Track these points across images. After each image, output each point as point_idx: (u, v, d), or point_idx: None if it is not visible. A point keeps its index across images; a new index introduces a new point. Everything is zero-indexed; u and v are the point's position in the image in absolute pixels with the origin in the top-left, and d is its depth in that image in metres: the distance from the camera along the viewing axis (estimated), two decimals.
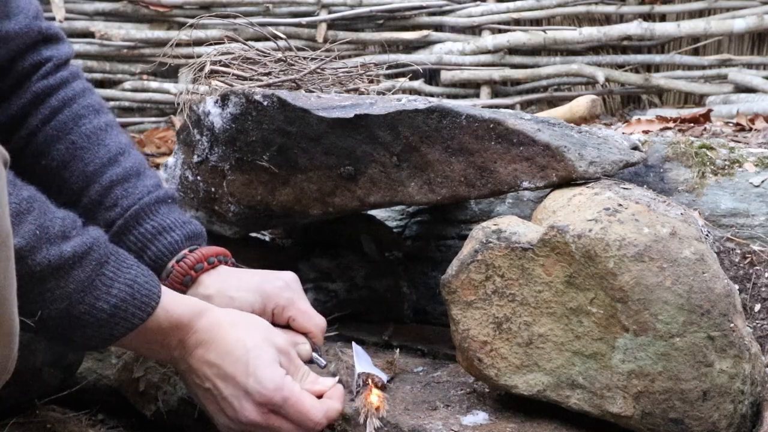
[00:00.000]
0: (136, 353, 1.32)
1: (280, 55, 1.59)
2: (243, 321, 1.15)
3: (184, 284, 1.21)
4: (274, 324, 1.23)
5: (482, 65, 4.37)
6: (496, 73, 4.35)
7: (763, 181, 1.38)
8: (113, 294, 1.03)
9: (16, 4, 1.19)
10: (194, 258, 1.22)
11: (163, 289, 1.09)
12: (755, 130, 2.13)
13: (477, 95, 4.40)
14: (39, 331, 1.00)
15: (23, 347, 0.88)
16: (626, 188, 1.22)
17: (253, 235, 1.70)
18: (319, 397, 1.15)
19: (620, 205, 1.12)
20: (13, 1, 1.18)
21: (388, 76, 3.52)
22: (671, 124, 2.37)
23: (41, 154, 1.19)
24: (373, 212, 1.73)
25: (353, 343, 1.37)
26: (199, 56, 1.53)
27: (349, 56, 3.71)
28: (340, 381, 1.21)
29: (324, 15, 4.42)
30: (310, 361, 1.23)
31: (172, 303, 1.09)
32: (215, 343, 1.10)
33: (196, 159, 1.52)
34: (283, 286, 1.26)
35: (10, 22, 1.17)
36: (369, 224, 1.70)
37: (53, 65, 1.24)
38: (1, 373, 0.87)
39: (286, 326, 1.24)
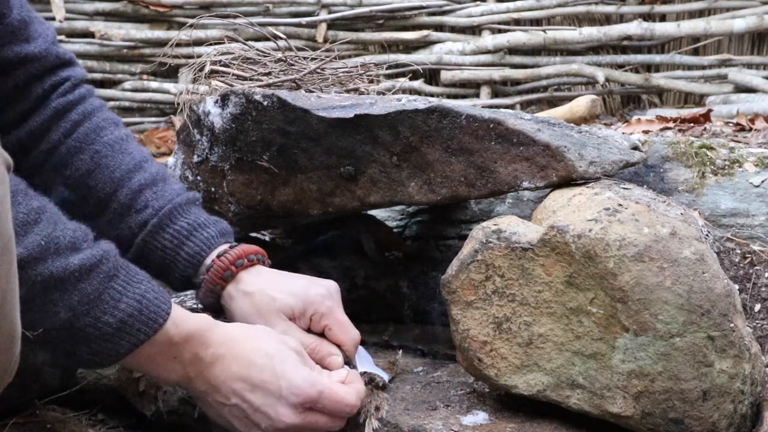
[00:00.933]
0: (148, 376, 1.30)
1: (280, 55, 1.59)
2: (254, 331, 1.14)
3: (224, 279, 1.22)
4: (310, 331, 1.23)
5: (482, 65, 4.37)
6: (496, 73, 4.35)
7: (763, 181, 1.38)
8: (121, 308, 1.02)
9: (35, 29, 1.23)
10: (235, 254, 1.23)
11: (174, 305, 1.08)
12: (755, 130, 2.13)
13: (477, 95, 4.40)
14: (41, 344, 0.99)
15: (23, 347, 0.88)
16: (626, 188, 1.22)
17: (253, 235, 1.70)
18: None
19: (620, 205, 1.12)
20: (32, 25, 1.22)
21: (388, 76, 3.53)
22: (671, 124, 2.37)
23: (64, 166, 1.21)
24: (373, 212, 1.73)
25: None
26: (199, 56, 1.53)
27: (349, 56, 3.71)
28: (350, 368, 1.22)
29: (324, 15, 4.42)
30: None
31: (181, 318, 1.07)
32: (235, 356, 1.09)
33: (196, 159, 1.52)
34: (326, 294, 1.26)
35: (30, 45, 1.21)
36: (369, 224, 1.70)
37: (71, 84, 1.28)
38: (1, 377, 0.87)
39: (321, 334, 1.24)
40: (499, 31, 4.41)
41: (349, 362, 1.25)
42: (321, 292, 1.25)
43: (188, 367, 1.08)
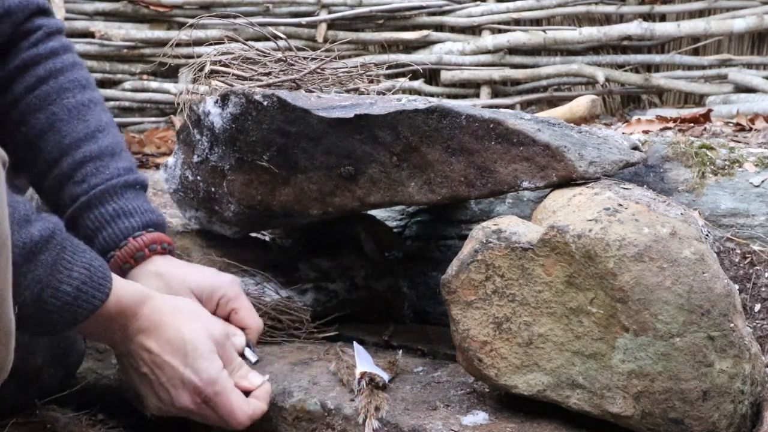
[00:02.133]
0: (84, 335, 1.32)
1: (280, 55, 1.59)
2: (184, 309, 1.17)
3: (135, 259, 1.24)
4: (215, 314, 1.26)
5: (482, 65, 4.37)
6: (496, 73, 4.35)
7: (763, 181, 1.38)
8: (74, 277, 1.03)
9: None
10: (150, 238, 1.24)
11: (113, 274, 1.10)
12: (755, 130, 2.13)
13: (477, 95, 4.40)
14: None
15: (23, 347, 0.88)
16: (626, 188, 1.22)
17: (253, 235, 1.70)
18: (247, 393, 1.19)
19: (620, 205, 1.12)
20: None
21: (388, 76, 3.52)
22: (671, 124, 2.37)
23: (22, 122, 1.19)
24: (373, 212, 1.73)
25: (354, 342, 1.37)
26: (199, 56, 1.53)
27: (349, 56, 3.71)
28: (269, 381, 1.25)
29: (324, 15, 4.42)
30: (241, 355, 1.27)
31: (121, 288, 1.09)
32: (156, 331, 1.12)
33: (196, 159, 1.52)
34: (232, 279, 1.31)
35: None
36: (369, 224, 1.70)
37: (44, 33, 1.24)
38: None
39: (226, 319, 1.29)
40: (499, 31, 4.41)
41: (250, 345, 1.30)
42: (228, 279, 1.30)
43: (117, 332, 1.11)
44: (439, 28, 4.51)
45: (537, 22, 4.51)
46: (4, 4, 1.18)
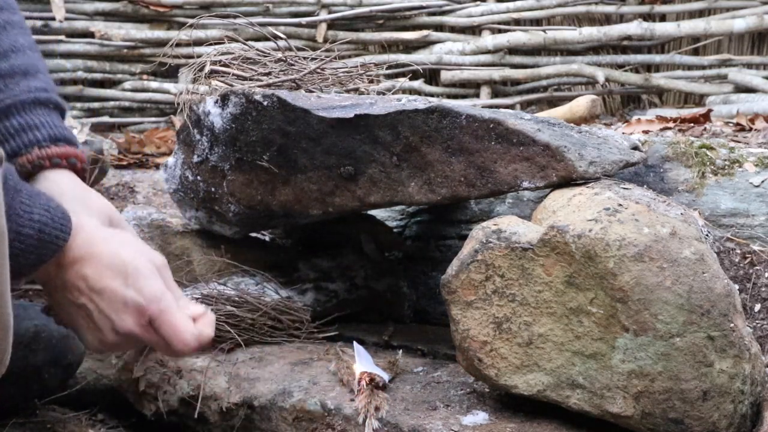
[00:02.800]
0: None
1: (280, 55, 1.59)
2: (118, 235, 1.13)
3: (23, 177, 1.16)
4: None
5: (482, 65, 4.37)
6: (496, 73, 4.35)
7: (763, 181, 1.38)
8: (35, 220, 1.01)
9: None
10: (38, 155, 1.17)
11: None
12: (755, 130, 2.13)
13: (477, 95, 4.39)
14: None
15: (23, 347, 0.88)
16: (626, 188, 1.22)
17: (253, 235, 1.70)
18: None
19: (620, 205, 1.12)
20: None
21: (388, 76, 3.52)
22: (671, 124, 2.37)
23: None
24: (373, 212, 1.73)
25: (354, 342, 1.37)
26: (199, 56, 1.53)
27: (349, 56, 3.71)
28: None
29: (324, 15, 4.42)
30: None
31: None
32: (92, 258, 1.08)
33: (196, 159, 1.52)
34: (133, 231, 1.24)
35: None
36: (369, 224, 1.70)
37: None
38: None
39: None
40: (499, 31, 4.41)
41: None
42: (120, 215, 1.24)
43: (50, 265, 1.06)
44: (439, 28, 4.51)
45: (537, 22, 4.50)
46: None
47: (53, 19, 4.36)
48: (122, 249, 1.10)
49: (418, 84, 4.37)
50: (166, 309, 1.10)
